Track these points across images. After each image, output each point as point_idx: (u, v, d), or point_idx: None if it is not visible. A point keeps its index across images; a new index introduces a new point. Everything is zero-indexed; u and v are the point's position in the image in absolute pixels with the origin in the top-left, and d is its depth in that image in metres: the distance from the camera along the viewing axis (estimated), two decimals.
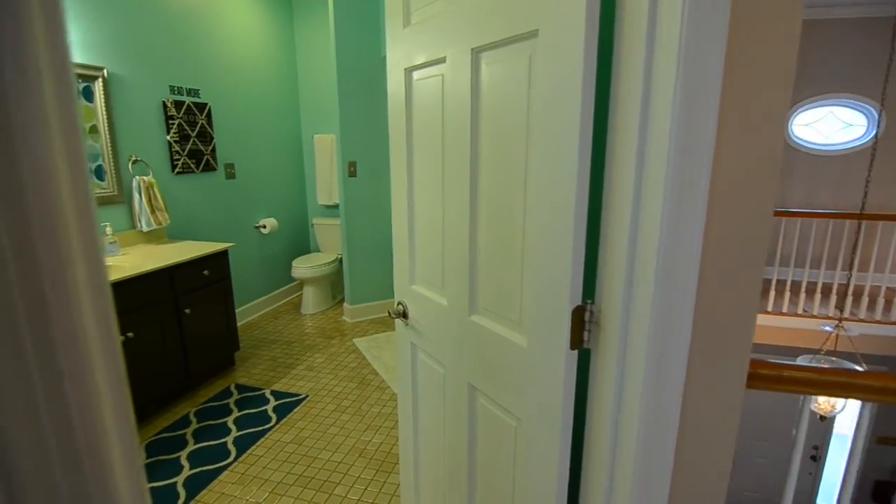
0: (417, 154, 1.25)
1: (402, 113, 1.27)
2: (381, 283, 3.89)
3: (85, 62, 2.41)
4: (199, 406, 2.52)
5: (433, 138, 1.16)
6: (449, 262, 1.16)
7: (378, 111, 3.59)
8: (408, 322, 1.38)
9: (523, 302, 0.94)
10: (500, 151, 0.95)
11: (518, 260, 0.94)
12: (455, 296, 1.15)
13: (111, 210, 2.61)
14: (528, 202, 0.89)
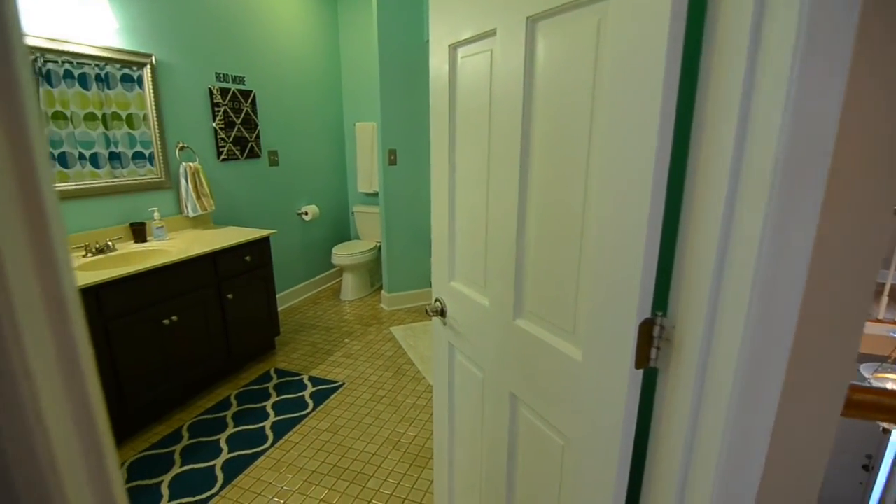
0: (461, 140, 1.15)
1: (444, 96, 1.17)
2: (418, 272, 3.84)
3: (134, 49, 2.45)
4: (239, 389, 2.56)
5: (478, 123, 1.05)
6: (492, 259, 1.06)
7: (419, 98, 3.50)
8: (445, 321, 1.30)
9: (579, 310, 0.83)
10: (557, 137, 0.83)
11: (574, 261, 0.83)
12: (498, 297, 1.05)
13: (159, 195, 2.66)
14: (588, 195, 0.78)
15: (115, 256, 2.27)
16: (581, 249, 0.81)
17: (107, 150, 2.39)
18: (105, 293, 1.90)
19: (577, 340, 0.85)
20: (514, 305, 1.00)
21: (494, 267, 1.06)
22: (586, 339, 0.81)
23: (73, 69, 2.21)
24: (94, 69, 2.29)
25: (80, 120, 2.26)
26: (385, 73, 3.36)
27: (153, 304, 2.11)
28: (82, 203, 2.28)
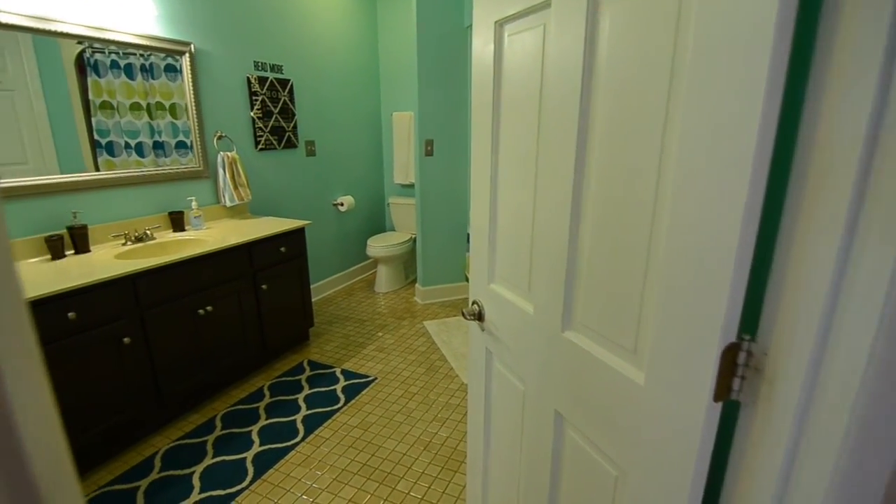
0: (505, 130, 1.03)
1: (488, 80, 1.06)
2: (453, 266, 3.75)
3: (172, 37, 2.45)
4: (273, 380, 2.56)
5: (526, 110, 0.94)
6: (539, 262, 0.95)
7: (458, 87, 3.38)
8: (483, 326, 1.20)
9: (643, 326, 0.71)
10: (622, 125, 0.71)
11: (639, 269, 0.71)
12: (544, 304, 0.94)
13: (197, 185, 2.68)
14: (661, 193, 0.65)
15: (153, 245, 2.29)
16: (648, 255, 0.69)
17: (151, 139, 2.41)
18: (142, 282, 1.91)
19: (639, 361, 0.73)
20: (563, 315, 0.88)
21: (541, 271, 0.94)
22: (651, 361, 0.70)
23: (120, 59, 2.23)
24: (139, 59, 2.30)
25: (125, 109, 2.29)
26: (423, 60, 3.25)
27: (188, 294, 2.11)
28: (124, 191, 2.31)
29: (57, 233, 2.01)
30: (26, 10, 1.87)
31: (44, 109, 1.98)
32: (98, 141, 2.20)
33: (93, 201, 2.18)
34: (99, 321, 1.77)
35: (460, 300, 3.76)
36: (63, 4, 1.98)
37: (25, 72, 1.91)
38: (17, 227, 1.93)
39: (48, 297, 1.60)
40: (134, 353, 1.91)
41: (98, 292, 1.75)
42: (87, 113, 2.14)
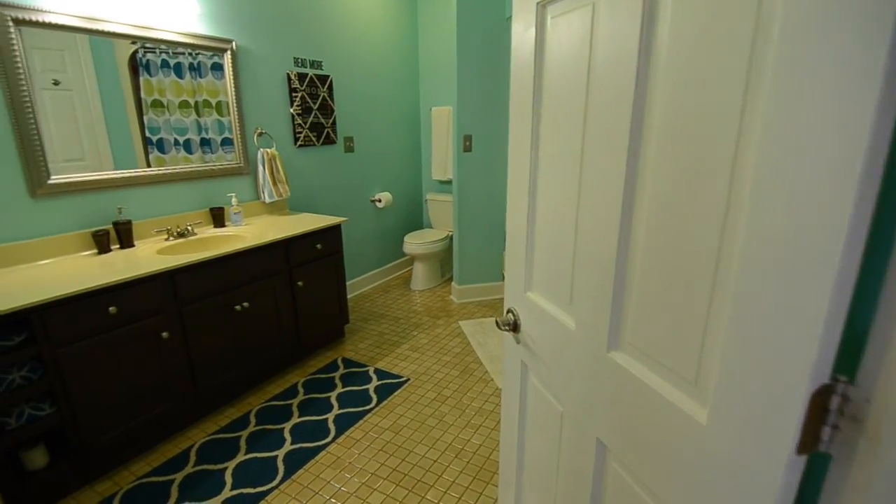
0: (546, 124, 0.94)
1: (527, 69, 0.96)
2: (490, 265, 3.65)
3: (215, 34, 2.48)
4: (307, 376, 2.57)
5: (571, 102, 0.84)
6: (582, 272, 0.85)
7: (499, 80, 3.27)
8: (519, 337, 1.11)
9: (707, 354, 0.60)
10: (686, 118, 0.60)
11: (704, 286, 0.60)
12: (588, 319, 0.84)
13: (237, 181, 2.72)
14: (736, 198, 0.54)
15: (193, 241, 2.33)
16: (717, 269, 0.58)
17: (198, 136, 2.47)
18: (181, 278, 1.94)
19: (700, 395, 0.62)
20: (609, 334, 0.78)
21: (584, 282, 0.84)
22: (717, 398, 0.59)
23: (169, 59, 2.29)
24: (188, 58, 2.35)
25: (175, 107, 2.34)
26: (463, 52, 3.16)
27: (226, 290, 2.13)
28: (169, 187, 2.37)
29: (103, 228, 2.07)
30: (78, 11, 1.92)
31: (100, 108, 2.05)
32: (149, 138, 2.27)
33: (138, 197, 2.24)
34: (139, 315, 1.81)
35: (497, 300, 3.67)
36: (111, 4, 2.03)
37: (83, 72, 1.98)
38: (70, 221, 2.00)
39: (91, 291, 1.64)
40: (172, 348, 1.95)
41: (138, 287, 1.79)
42: (140, 111, 2.21)
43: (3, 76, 1.74)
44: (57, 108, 1.92)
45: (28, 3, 1.78)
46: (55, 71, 1.90)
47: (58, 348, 1.60)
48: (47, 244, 1.93)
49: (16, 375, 1.55)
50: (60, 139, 1.94)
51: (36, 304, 1.51)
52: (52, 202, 1.94)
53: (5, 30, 1.72)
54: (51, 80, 1.89)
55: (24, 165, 1.84)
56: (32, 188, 1.87)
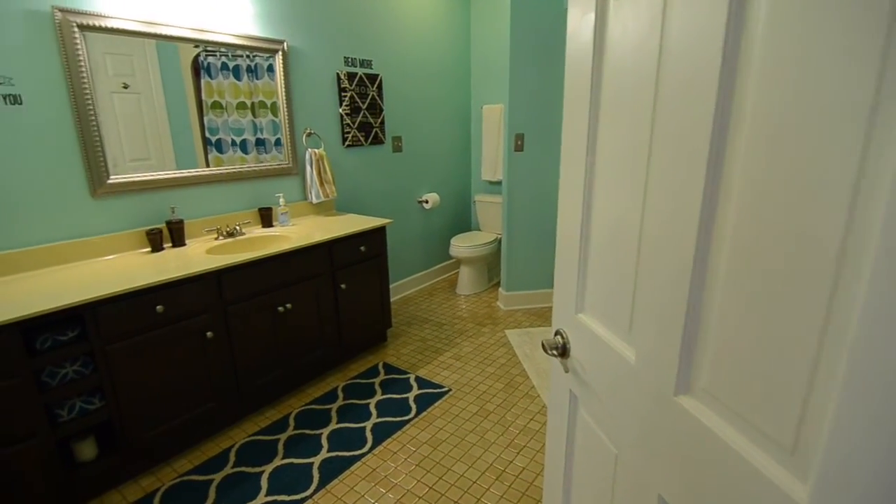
0: (606, 123, 0.80)
1: (584, 61, 0.83)
2: (540, 271, 3.48)
3: (267, 35, 2.50)
4: (348, 380, 2.53)
5: (636, 97, 0.70)
6: (645, 295, 0.71)
7: (553, 75, 3.10)
8: (567, 363, 0.97)
9: (811, 416, 0.45)
10: (790, 116, 0.45)
11: (811, 330, 0.45)
12: (651, 353, 0.70)
13: (285, 181, 2.74)
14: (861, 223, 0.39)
15: (242, 240, 2.36)
16: (829, 311, 0.43)
17: (253, 136, 2.52)
18: (226, 278, 1.95)
19: (800, 468, 0.47)
20: (678, 373, 0.64)
21: (647, 307, 0.70)
22: (823, 474, 0.44)
23: (229, 61, 2.34)
24: (245, 60, 2.40)
25: (232, 108, 2.40)
26: (517, 47, 3.02)
27: (269, 291, 2.13)
28: (221, 187, 2.41)
29: (157, 227, 2.13)
30: (138, 16, 1.98)
31: (164, 110, 2.13)
32: (209, 138, 2.33)
33: (191, 197, 2.29)
34: (185, 315, 1.83)
35: (546, 309, 3.49)
36: (169, 8, 2.08)
37: (150, 76, 2.06)
38: (126, 220, 2.07)
39: (140, 290, 1.67)
40: (216, 347, 1.96)
41: (185, 287, 1.81)
42: (200, 112, 2.27)
43: (69, 80, 1.82)
44: (126, 110, 2.00)
45: (92, 9, 1.85)
46: (125, 75, 1.98)
47: (108, 345, 1.64)
48: (106, 242, 2.00)
49: (69, 369, 1.60)
50: (129, 140, 2.03)
51: (88, 301, 1.55)
52: (110, 202, 2.02)
53: (71, 36, 1.79)
54: (121, 83, 1.97)
55: (86, 166, 1.92)
56: (93, 188, 1.95)
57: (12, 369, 1.44)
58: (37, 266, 1.83)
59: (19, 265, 1.78)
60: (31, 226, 1.81)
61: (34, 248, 1.81)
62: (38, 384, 1.53)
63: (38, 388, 1.52)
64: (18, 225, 1.78)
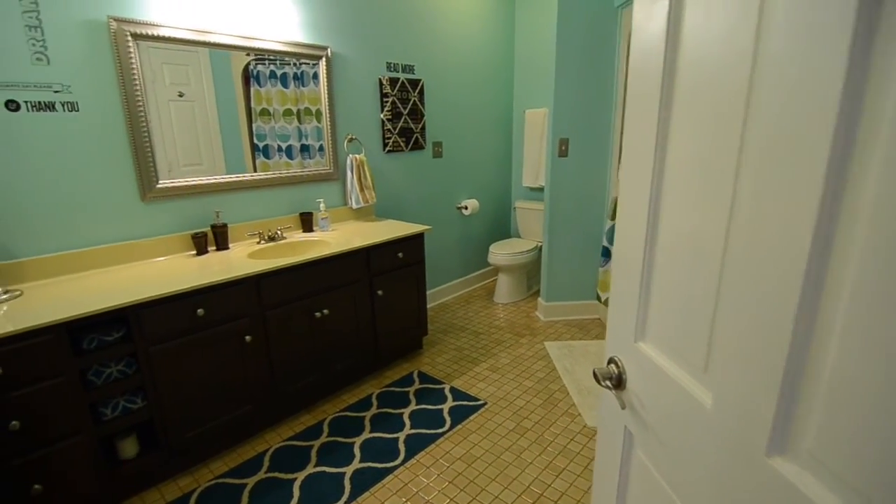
0: (678, 122, 0.71)
1: (653, 53, 0.74)
2: (582, 281, 3.34)
3: (312, 42, 2.51)
4: (382, 388, 2.49)
5: (721, 91, 0.60)
6: (729, 328, 0.61)
7: (601, 78, 2.97)
8: (623, 396, 0.88)
9: None
10: None
11: None
12: (735, 400, 0.60)
13: (326, 187, 2.74)
14: None
15: (283, 245, 2.37)
16: None
17: (299, 142, 2.55)
18: (266, 282, 1.95)
19: None
20: (774, 429, 0.54)
21: (731, 343, 0.60)
22: None
23: (277, 69, 2.38)
24: (293, 68, 2.43)
25: (279, 115, 2.43)
26: (563, 48, 2.92)
27: (307, 297, 2.12)
28: (264, 192, 2.44)
29: (202, 230, 2.17)
30: (189, 25, 2.02)
31: (216, 117, 2.19)
32: (256, 144, 2.36)
33: (235, 201, 2.32)
34: (224, 318, 1.84)
35: (588, 321, 3.34)
36: (218, 17, 2.12)
37: (203, 85, 2.12)
38: (173, 223, 2.12)
39: (181, 293, 1.69)
40: (254, 351, 1.96)
41: (225, 291, 1.82)
42: (249, 119, 2.31)
43: (122, 88, 1.87)
44: (181, 117, 2.07)
45: (145, 19, 1.90)
46: (181, 84, 2.04)
47: (150, 346, 1.66)
48: (153, 245, 2.05)
49: (113, 369, 1.63)
50: (183, 146, 2.09)
51: (132, 303, 1.58)
52: (158, 205, 2.06)
53: (125, 44, 1.84)
54: (177, 91, 2.03)
55: (137, 171, 1.97)
56: (143, 192, 2.00)
57: (60, 367, 1.48)
58: (89, 267, 1.89)
59: (73, 266, 1.85)
60: (85, 228, 1.87)
61: (87, 250, 1.87)
62: (83, 382, 1.56)
63: (84, 387, 1.56)
64: (74, 227, 1.84)
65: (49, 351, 1.44)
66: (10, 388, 1.38)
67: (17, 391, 1.40)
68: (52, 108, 1.73)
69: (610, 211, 2.94)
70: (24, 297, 1.62)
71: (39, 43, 1.67)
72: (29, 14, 1.64)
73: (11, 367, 1.37)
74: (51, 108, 1.73)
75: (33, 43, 1.66)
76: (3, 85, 1.62)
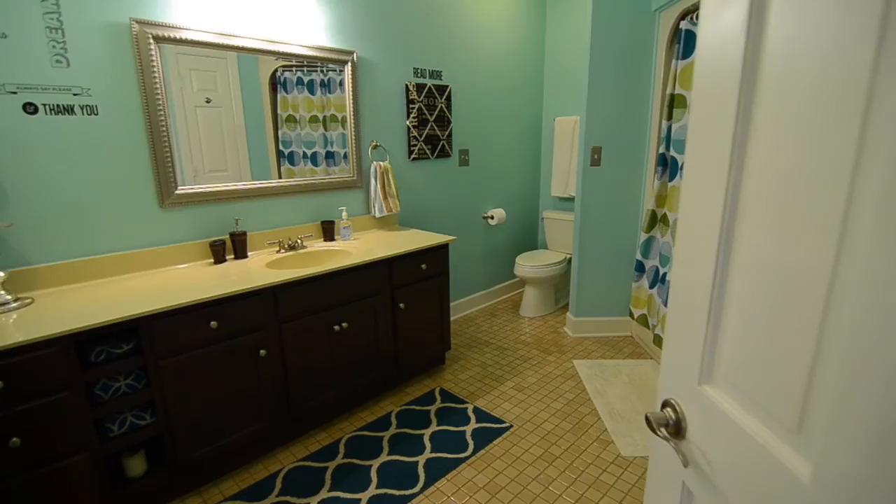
0: (763, 130, 0.57)
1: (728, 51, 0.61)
2: (614, 296, 3.16)
3: (337, 46, 2.45)
4: (402, 406, 2.38)
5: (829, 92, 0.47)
6: (837, 381, 0.47)
7: (638, 84, 2.81)
8: (682, 447, 0.73)
9: None
10: None
11: None
12: (850, 478, 0.45)
13: (349, 195, 2.66)
14: None
15: (303, 254, 2.30)
16: None
17: (324, 149, 2.49)
18: (283, 294, 1.87)
19: None
20: None
21: (844, 399, 0.46)
22: None
23: (304, 76, 2.34)
24: (320, 75, 2.39)
25: (305, 122, 2.40)
26: (597, 54, 2.78)
27: (326, 309, 2.03)
28: (287, 200, 2.38)
29: (220, 238, 2.11)
30: (212, 28, 1.98)
31: (243, 123, 2.16)
32: (282, 151, 2.32)
33: (255, 209, 2.27)
34: (238, 331, 1.77)
35: (620, 338, 3.15)
36: (242, 20, 2.08)
37: (230, 91, 2.10)
38: (193, 230, 2.07)
39: (194, 304, 1.62)
40: (269, 366, 1.88)
41: (240, 303, 1.75)
42: (275, 126, 2.27)
43: (143, 92, 1.84)
44: (207, 123, 2.04)
45: (168, 21, 1.86)
46: (208, 90, 2.01)
47: (160, 360, 1.60)
48: (171, 252, 2.00)
49: (122, 383, 1.56)
50: (209, 152, 2.06)
51: (143, 314, 1.52)
52: (177, 212, 2.02)
53: (146, 47, 1.81)
54: (204, 98, 2.00)
55: (156, 177, 1.93)
56: (162, 199, 1.95)
57: (65, 382, 1.42)
58: (103, 274, 1.85)
59: (87, 273, 1.81)
60: (101, 235, 1.83)
61: (102, 257, 1.83)
62: (90, 397, 1.50)
63: (91, 401, 1.50)
64: (90, 233, 1.81)
65: (53, 364, 1.38)
66: (12, 402, 1.33)
67: (19, 406, 1.34)
68: (71, 111, 1.70)
69: (645, 223, 2.77)
70: (34, 306, 1.58)
71: (60, 45, 1.64)
72: (50, 15, 1.62)
73: (13, 381, 1.32)
74: (69, 112, 1.70)
75: (54, 45, 1.63)
76: (21, 87, 1.60)
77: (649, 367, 2.76)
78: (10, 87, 1.58)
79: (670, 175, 2.61)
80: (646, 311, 2.88)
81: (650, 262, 2.84)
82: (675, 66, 2.47)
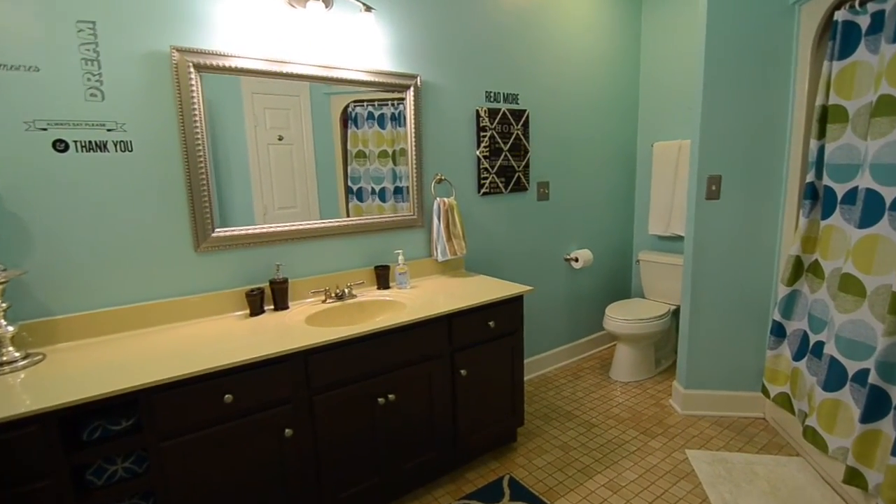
0: None
1: None
2: (739, 365, 2.47)
3: (399, 70, 2.18)
4: (460, 499, 1.91)
5: None
6: None
7: (770, 97, 2.22)
8: None
9: None
10: None
11: None
12: None
13: (408, 235, 2.33)
14: None
15: (350, 305, 1.98)
16: None
17: (392, 184, 2.28)
18: (315, 359, 1.54)
19: None
20: None
21: None
22: None
23: (374, 111, 2.14)
24: (390, 108, 2.19)
25: (374, 157, 2.21)
26: (713, 64, 2.24)
27: (369, 377, 1.67)
28: (337, 241, 2.11)
29: (258, 286, 1.86)
30: (261, 54, 1.79)
31: (313, 160, 2.04)
32: (350, 187, 2.14)
33: (300, 252, 2.01)
34: (259, 406, 1.45)
35: (749, 421, 2.43)
36: (294, 45, 1.88)
37: (302, 128, 2.00)
38: (228, 278, 1.84)
39: (204, 374, 1.33)
40: (296, 448, 1.54)
41: (262, 371, 1.43)
42: (345, 161, 2.11)
43: (181, 126, 1.66)
44: (279, 160, 1.95)
45: (210, 48, 1.69)
46: (281, 128, 1.93)
47: (161, 441, 1.31)
48: (203, 302, 1.77)
49: (119, 466, 1.30)
50: (279, 188, 1.95)
51: (141, 386, 1.25)
52: (213, 257, 1.80)
53: (186, 77, 1.64)
54: (277, 136, 1.90)
55: (192, 218, 1.73)
56: (197, 242, 1.75)
57: (45, 467, 1.16)
58: (127, 327, 1.64)
59: (110, 326, 1.61)
60: (129, 283, 1.64)
61: (127, 308, 1.64)
62: (80, 483, 1.24)
63: (80, 489, 1.23)
64: (118, 281, 1.62)
65: (30, 447, 1.14)
66: None
67: None
68: (104, 147, 1.55)
69: (787, 274, 2.11)
70: (42, 365, 1.38)
71: (95, 77, 1.51)
72: (86, 46, 1.49)
73: None
74: (102, 149, 1.54)
75: (89, 77, 1.50)
76: (52, 123, 1.46)
77: (796, 470, 2.04)
78: (41, 124, 1.45)
79: (824, 211, 1.97)
80: (787, 390, 2.18)
81: (794, 325, 2.16)
82: (829, 69, 1.88)
